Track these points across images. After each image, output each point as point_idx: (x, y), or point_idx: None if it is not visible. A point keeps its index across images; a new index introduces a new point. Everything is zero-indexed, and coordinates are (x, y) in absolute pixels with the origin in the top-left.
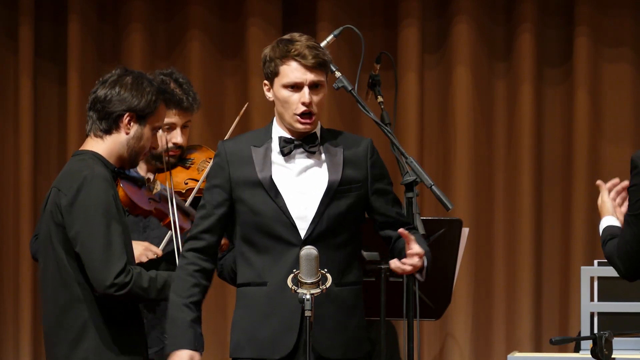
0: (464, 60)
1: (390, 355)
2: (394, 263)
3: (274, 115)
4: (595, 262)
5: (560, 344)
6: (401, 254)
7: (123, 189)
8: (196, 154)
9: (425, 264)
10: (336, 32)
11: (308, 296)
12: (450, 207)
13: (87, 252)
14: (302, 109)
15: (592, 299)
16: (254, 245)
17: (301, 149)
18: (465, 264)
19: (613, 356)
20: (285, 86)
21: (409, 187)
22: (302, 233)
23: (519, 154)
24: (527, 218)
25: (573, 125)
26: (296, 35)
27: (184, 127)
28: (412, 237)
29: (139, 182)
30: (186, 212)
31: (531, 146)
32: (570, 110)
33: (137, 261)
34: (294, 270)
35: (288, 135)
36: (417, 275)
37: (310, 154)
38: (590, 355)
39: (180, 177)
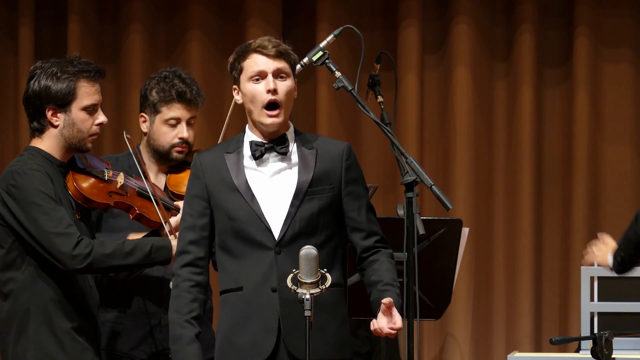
0: (464, 61)
1: (390, 355)
2: (374, 325)
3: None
4: (596, 262)
5: (560, 344)
6: (375, 303)
7: (73, 183)
8: None
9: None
10: (336, 32)
11: (308, 296)
12: (450, 207)
13: (41, 238)
14: (269, 97)
15: (592, 299)
16: (229, 251)
17: (273, 152)
18: (465, 264)
19: (613, 356)
20: (250, 78)
21: (409, 187)
22: (276, 235)
23: (519, 154)
24: (527, 218)
25: (573, 126)
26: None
27: (189, 124)
28: (391, 303)
29: (97, 175)
30: (167, 207)
31: (531, 146)
32: (570, 111)
33: None
34: (294, 270)
35: (259, 139)
36: None
37: (282, 156)
38: (590, 355)
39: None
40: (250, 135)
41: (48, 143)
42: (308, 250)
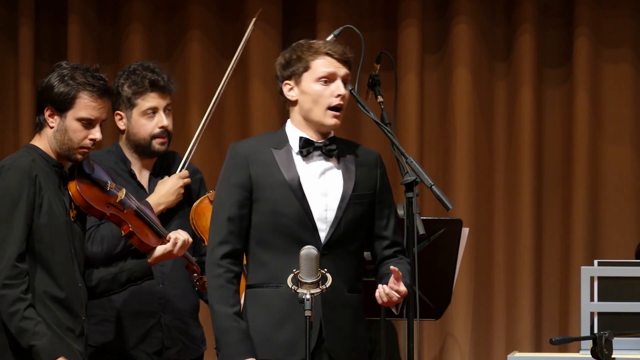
0: (464, 61)
1: (390, 355)
2: (379, 289)
3: (288, 117)
4: (595, 262)
5: (560, 344)
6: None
7: (76, 186)
8: None
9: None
10: (336, 32)
11: (308, 296)
12: (450, 207)
13: None
14: (337, 101)
15: (592, 299)
16: (268, 246)
17: (319, 152)
18: (465, 264)
19: (613, 356)
20: (319, 79)
21: (409, 187)
22: (322, 236)
23: (519, 154)
24: (527, 218)
25: (573, 126)
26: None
27: (166, 111)
28: (400, 275)
29: (100, 184)
30: (159, 234)
31: (531, 146)
32: (570, 111)
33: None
34: (294, 270)
35: (308, 137)
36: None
37: (327, 157)
38: (590, 355)
39: (208, 216)
40: (298, 132)
41: (44, 142)
42: (308, 250)
